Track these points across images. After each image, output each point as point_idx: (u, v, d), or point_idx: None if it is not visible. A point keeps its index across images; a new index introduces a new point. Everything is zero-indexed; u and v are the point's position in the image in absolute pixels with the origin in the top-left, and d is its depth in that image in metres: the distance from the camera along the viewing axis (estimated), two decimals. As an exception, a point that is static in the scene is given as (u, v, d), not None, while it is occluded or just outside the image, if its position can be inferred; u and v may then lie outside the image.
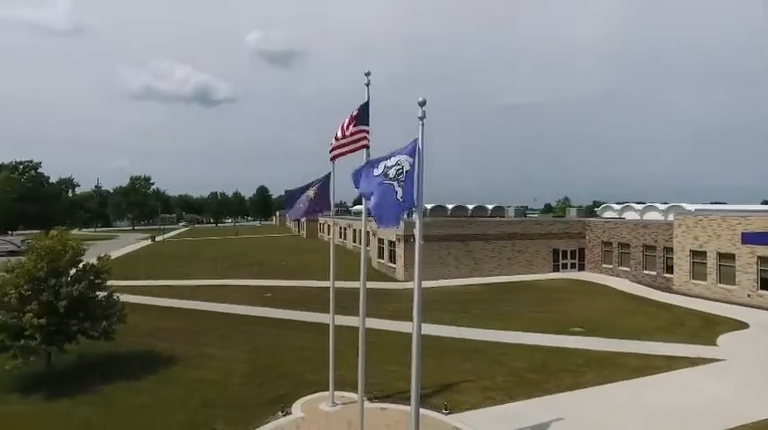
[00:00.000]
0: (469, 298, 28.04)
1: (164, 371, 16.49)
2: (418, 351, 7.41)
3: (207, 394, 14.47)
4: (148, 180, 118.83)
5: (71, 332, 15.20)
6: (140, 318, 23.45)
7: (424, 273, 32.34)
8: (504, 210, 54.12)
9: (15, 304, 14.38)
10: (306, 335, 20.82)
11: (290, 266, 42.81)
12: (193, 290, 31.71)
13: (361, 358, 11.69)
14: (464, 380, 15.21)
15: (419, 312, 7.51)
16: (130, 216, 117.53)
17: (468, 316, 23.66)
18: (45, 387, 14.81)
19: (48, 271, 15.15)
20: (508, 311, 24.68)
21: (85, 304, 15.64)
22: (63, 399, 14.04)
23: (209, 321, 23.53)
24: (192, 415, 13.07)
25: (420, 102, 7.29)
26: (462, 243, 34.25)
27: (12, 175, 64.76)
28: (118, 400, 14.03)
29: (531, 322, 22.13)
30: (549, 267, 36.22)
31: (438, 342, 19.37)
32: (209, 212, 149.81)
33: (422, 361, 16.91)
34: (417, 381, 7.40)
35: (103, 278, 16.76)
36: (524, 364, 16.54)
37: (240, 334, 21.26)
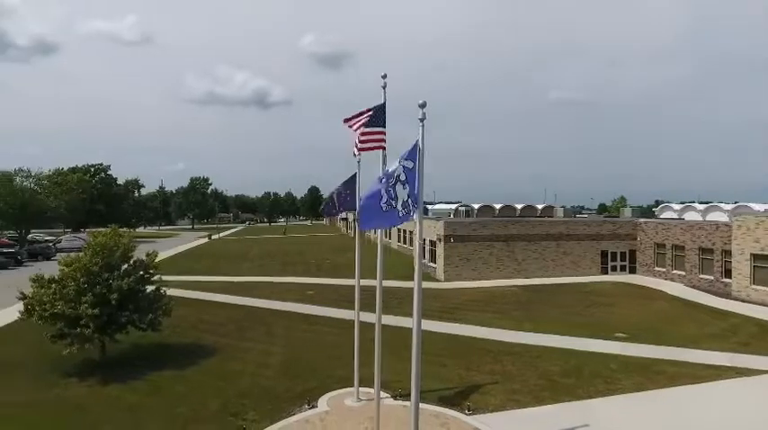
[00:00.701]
0: (509, 299, 27.59)
1: (205, 361, 17.46)
2: (418, 348, 7.53)
3: (242, 385, 15.22)
4: (207, 181, 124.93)
5: (121, 323, 16.44)
6: (191, 312, 24.89)
7: (463, 273, 32.68)
8: (554, 209, 52.61)
9: (73, 295, 15.73)
10: (341, 332, 21.28)
11: (335, 265, 43.70)
12: (242, 286, 33.15)
13: (377, 355, 11.94)
14: (492, 381, 15.11)
15: (419, 310, 7.64)
16: (191, 215, 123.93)
17: (506, 317, 23.33)
18: (100, 373, 16.10)
19: (101, 266, 16.46)
20: (548, 314, 24.10)
21: (135, 297, 16.86)
22: (114, 385, 15.23)
23: (252, 316, 24.58)
24: (226, 404, 13.81)
25: (420, 104, 7.43)
26: (504, 243, 33.69)
27: (84, 177, 70.26)
28: (161, 387, 15.05)
29: (571, 326, 21.52)
30: (596, 269, 34.90)
31: (470, 343, 19.30)
32: (263, 212, 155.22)
33: (450, 361, 17.09)
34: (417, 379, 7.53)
35: (151, 273, 18.00)
36: (557, 368, 16.18)
37: (280, 329, 22.09)
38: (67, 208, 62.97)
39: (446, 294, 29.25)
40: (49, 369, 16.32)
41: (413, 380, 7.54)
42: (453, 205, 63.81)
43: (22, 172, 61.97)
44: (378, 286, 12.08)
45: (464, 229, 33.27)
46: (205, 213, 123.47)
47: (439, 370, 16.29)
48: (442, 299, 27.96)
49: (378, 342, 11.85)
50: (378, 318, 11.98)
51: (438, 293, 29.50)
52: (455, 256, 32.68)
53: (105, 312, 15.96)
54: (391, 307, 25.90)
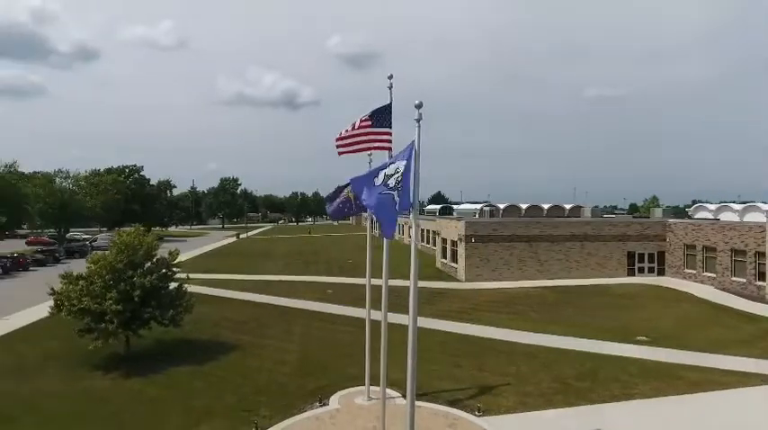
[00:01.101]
0: (529, 301, 27.23)
1: (224, 358, 17.92)
2: (414, 347, 7.59)
3: (257, 381, 15.57)
4: (236, 181, 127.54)
5: (144, 318, 17.05)
6: (214, 309, 25.57)
7: (484, 273, 32.37)
8: (581, 210, 51.49)
9: (98, 292, 16.42)
10: (356, 331, 21.44)
11: (356, 264, 43.98)
12: (265, 284, 33.79)
13: (383, 355, 12.02)
14: (505, 383, 14.99)
15: (414, 309, 7.70)
16: (221, 215, 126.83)
17: (524, 319, 23.06)
18: (124, 366, 16.74)
19: (126, 263, 17.12)
20: (568, 316, 23.69)
21: (157, 294, 17.45)
22: (136, 378, 15.82)
23: (272, 314, 25.05)
24: (241, 399, 14.16)
25: (417, 104, 7.49)
26: (527, 244, 33.23)
27: (118, 178, 72.92)
28: (180, 382, 15.54)
29: (592, 328, 21.10)
30: (623, 271, 34.03)
31: (486, 344, 19.18)
32: (291, 212, 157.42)
33: (464, 361, 17.01)
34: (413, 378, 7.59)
35: (173, 271, 18.60)
36: (573, 371, 15.92)
37: (298, 327, 22.45)
38: (103, 207, 65.45)
39: (466, 295, 29.09)
40: (78, 362, 17.06)
41: (408, 380, 7.61)
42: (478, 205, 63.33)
43: (61, 173, 64.82)
44: (383, 285, 12.18)
45: (485, 230, 32.98)
46: (234, 213, 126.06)
47: (452, 370, 16.28)
48: (461, 299, 27.82)
49: (384, 341, 11.95)
50: (383, 316, 12.10)
51: (458, 294, 29.37)
52: (476, 257, 32.44)
53: (128, 308, 16.59)
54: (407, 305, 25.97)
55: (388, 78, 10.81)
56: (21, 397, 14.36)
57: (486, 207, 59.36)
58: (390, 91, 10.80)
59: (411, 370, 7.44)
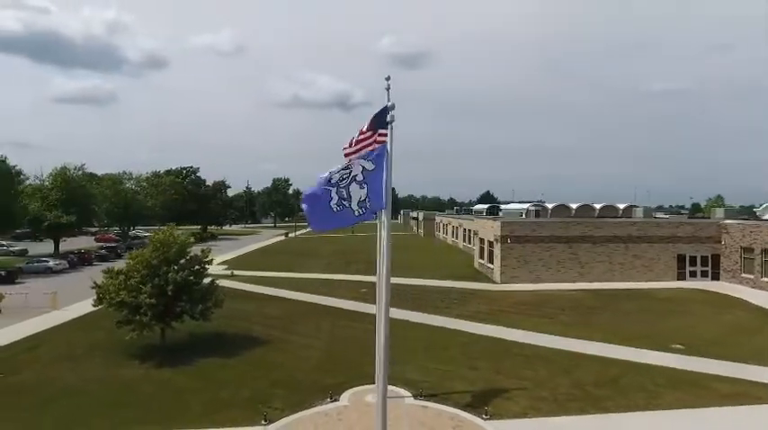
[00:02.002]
0: (564, 304, 26.36)
1: (250, 352, 18.72)
2: (386, 346, 7.72)
3: (277, 375, 16.18)
4: (287, 181, 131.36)
5: (176, 312, 18.16)
6: (250, 305, 26.68)
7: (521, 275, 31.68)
8: (634, 210, 48.92)
9: (135, 286, 17.66)
10: (381, 330, 21.78)
11: (394, 263, 44.11)
12: (303, 282, 34.75)
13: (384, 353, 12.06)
14: (520, 387, 14.73)
15: (386, 307, 7.82)
16: (273, 214, 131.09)
17: (554, 322, 22.39)
18: (157, 357, 17.89)
19: (160, 260, 18.28)
20: (603, 321, 22.76)
21: (188, 289, 18.50)
22: (167, 368, 16.89)
23: (305, 311, 25.77)
24: (258, 392, 14.79)
25: (389, 106, 7.61)
26: (566, 245, 32.10)
27: (176, 179, 77.25)
28: (207, 373, 16.42)
29: (626, 334, 20.20)
30: (672, 275, 32.12)
31: (508, 346, 18.85)
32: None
33: (483, 363, 16.83)
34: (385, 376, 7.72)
35: (205, 268, 19.62)
36: (594, 378, 15.38)
37: (327, 324, 22.99)
38: (162, 207, 69.54)
39: (498, 296, 28.58)
40: (119, 351, 18.42)
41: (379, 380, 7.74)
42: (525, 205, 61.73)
43: (125, 175, 69.46)
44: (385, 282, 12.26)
45: (522, 230, 32.18)
46: (286, 212, 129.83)
47: (468, 372, 16.18)
48: (493, 301, 27.38)
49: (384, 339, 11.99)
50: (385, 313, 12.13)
51: (490, 295, 28.92)
52: (512, 258, 31.73)
53: (162, 302, 17.71)
54: (440, 307, 25.93)
55: (386, 80, 10.92)
56: (65, 381, 15.73)
57: (532, 207, 57.82)
58: (388, 92, 10.88)
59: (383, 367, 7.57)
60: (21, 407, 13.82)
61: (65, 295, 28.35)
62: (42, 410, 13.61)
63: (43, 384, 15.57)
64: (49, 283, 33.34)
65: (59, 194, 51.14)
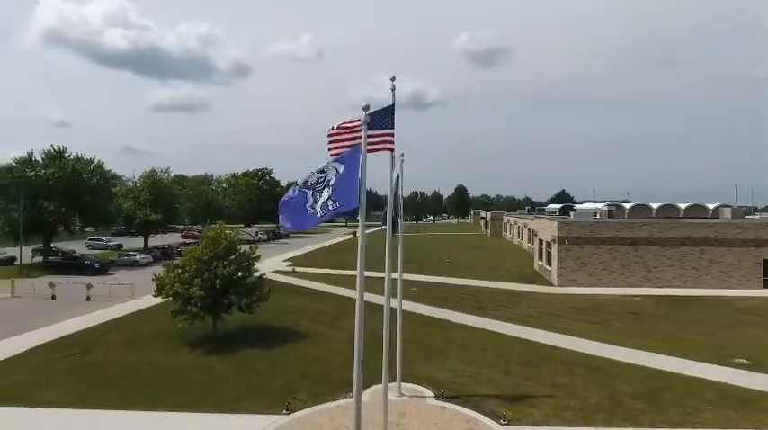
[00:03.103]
0: (622, 310, 24.70)
1: (292, 345, 19.58)
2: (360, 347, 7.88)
3: (309, 368, 16.82)
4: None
5: (224, 304, 19.47)
6: (303, 301, 27.82)
7: (580, 278, 30.46)
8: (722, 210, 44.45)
9: (188, 279, 19.17)
10: (419, 328, 21.83)
11: (453, 263, 43.82)
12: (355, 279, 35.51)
13: (385, 356, 12.21)
14: (549, 394, 14.16)
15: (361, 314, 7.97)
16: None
17: (606, 329, 21.13)
18: (207, 345, 19.27)
19: (210, 256, 19.69)
20: (662, 329, 21.10)
21: (235, 283, 19.76)
22: (213, 356, 18.16)
23: (351, 307, 26.34)
24: (288, 383, 15.50)
25: (363, 107, 7.77)
26: (631, 247, 29.98)
27: (251, 180, 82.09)
28: (247, 363, 17.44)
29: (683, 345, 18.62)
30: (756, 282, 28.86)
31: (549, 352, 18.11)
32: (410, 211, 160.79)
33: (516, 368, 16.37)
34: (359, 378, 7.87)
35: (252, 263, 20.81)
36: (632, 390, 14.38)
37: (368, 321, 23.29)
38: (239, 206, 74.23)
39: (552, 300, 27.40)
40: (176, 339, 20.06)
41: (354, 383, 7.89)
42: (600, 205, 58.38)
43: (207, 177, 75.02)
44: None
45: (580, 230, 30.53)
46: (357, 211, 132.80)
47: (498, 376, 15.81)
48: (545, 304, 26.30)
49: (386, 335, 12.17)
50: (386, 313, 12.28)
51: (543, 298, 27.80)
52: (570, 260, 30.23)
53: (211, 295, 19.08)
54: (487, 309, 25.39)
55: (391, 80, 11.06)
56: (125, 363, 17.47)
57: (606, 206, 54.63)
58: (393, 93, 11.02)
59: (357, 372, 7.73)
60: (85, 382, 15.60)
61: (143, 286, 31.18)
62: (101, 386, 15.26)
63: (107, 364, 17.42)
64: (133, 275, 36.85)
65: (148, 195, 56.36)
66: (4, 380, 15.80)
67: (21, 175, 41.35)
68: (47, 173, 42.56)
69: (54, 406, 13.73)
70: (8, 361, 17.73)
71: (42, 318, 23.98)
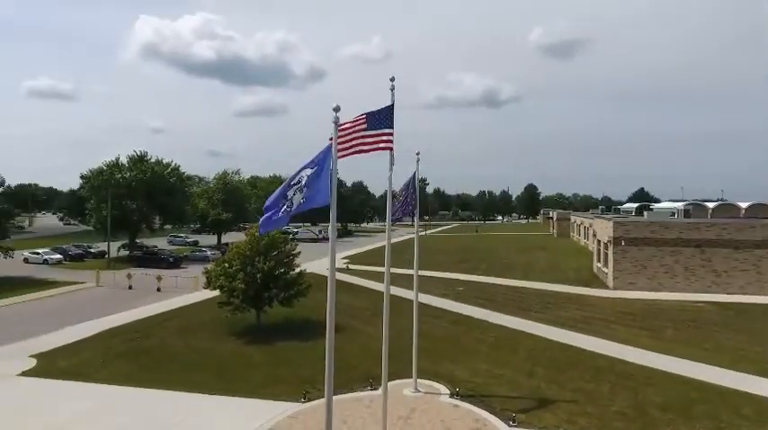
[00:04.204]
0: (680, 317, 22.93)
1: (323, 338, 20.19)
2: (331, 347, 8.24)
3: (337, 360, 17.28)
4: (424, 181, 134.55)
5: (264, 298, 20.67)
6: (349, 297, 28.57)
7: (638, 281, 29.20)
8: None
9: (232, 273, 20.56)
10: (453, 327, 21.80)
11: (509, 264, 42.76)
12: (407, 278, 35.76)
13: (384, 349, 12.41)
14: (569, 400, 13.69)
15: (332, 304, 8.34)
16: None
17: (654, 336, 19.83)
18: (250, 336, 20.54)
19: (253, 252, 20.97)
20: (718, 339, 19.43)
21: (275, 278, 20.88)
22: (253, 346, 19.35)
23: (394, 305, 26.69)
24: (313, 373, 16.13)
25: (334, 108, 8.14)
26: (696, 249, 27.63)
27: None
28: (281, 353, 18.43)
29: (738, 356, 17.12)
30: None
31: (581, 357, 17.42)
32: (479, 210, 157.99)
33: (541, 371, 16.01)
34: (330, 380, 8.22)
35: (292, 260, 21.86)
36: (663, 400, 13.52)
37: (405, 319, 23.22)
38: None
39: (603, 303, 26.02)
40: (224, 328, 21.57)
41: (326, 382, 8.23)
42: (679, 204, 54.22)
43: (276, 178, 78.76)
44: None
45: (639, 231, 28.59)
46: (422, 211, 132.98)
47: (521, 378, 15.50)
48: (594, 308, 25.06)
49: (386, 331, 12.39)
50: (385, 312, 12.50)
51: (594, 302, 26.47)
52: (627, 262, 28.44)
53: (252, 288, 20.34)
54: (529, 310, 24.69)
55: (390, 80, 11.29)
56: (175, 349, 19.11)
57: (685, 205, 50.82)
58: (392, 92, 11.24)
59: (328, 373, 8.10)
60: (136, 363, 17.32)
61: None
62: (148, 367, 16.88)
63: (161, 348, 19.16)
64: (202, 269, 39.80)
65: (220, 195, 60.39)
66: (72, 359, 17.94)
67: (109, 178, 46.11)
68: (130, 175, 47.07)
69: (105, 382, 15.43)
70: (79, 342, 20.05)
71: (116, 306, 26.74)
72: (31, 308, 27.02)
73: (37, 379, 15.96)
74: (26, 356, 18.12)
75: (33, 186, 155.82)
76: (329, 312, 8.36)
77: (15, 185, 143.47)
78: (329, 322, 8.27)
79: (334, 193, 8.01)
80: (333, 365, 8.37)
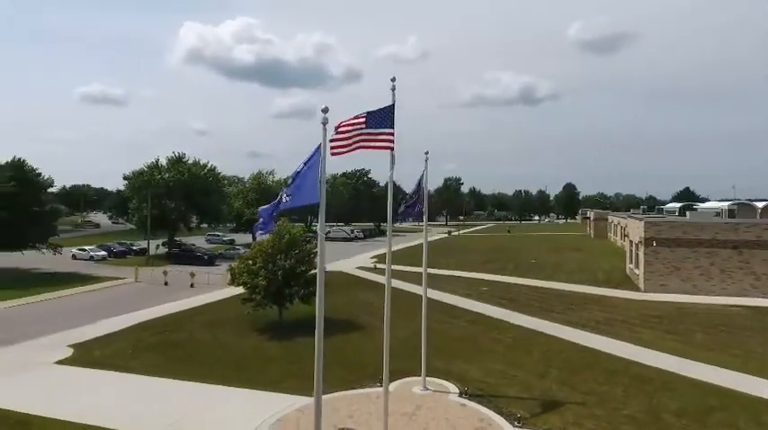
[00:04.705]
0: (712, 321, 21.96)
1: (344, 336, 20.69)
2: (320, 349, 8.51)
3: (350, 357, 17.76)
4: (458, 180, 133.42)
5: (285, 295, 21.23)
6: (372, 296, 28.89)
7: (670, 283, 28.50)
8: None
9: (255, 270, 21.23)
10: (471, 327, 21.75)
11: (538, 264, 41.98)
12: (432, 277, 35.77)
13: (386, 348, 12.54)
14: (579, 402, 13.48)
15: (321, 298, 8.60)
16: (444, 212, 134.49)
17: (681, 340, 19.14)
18: (272, 331, 21.13)
19: (274, 250, 21.58)
20: (750, 345, 18.54)
21: (295, 276, 21.41)
22: (273, 341, 19.94)
23: (412, 302, 26.80)
24: (326, 369, 16.37)
25: (323, 109, 8.39)
26: (734, 251, 26.33)
27: (347, 180, 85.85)
28: (298, 349, 18.75)
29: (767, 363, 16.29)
30: None
31: (598, 359, 17.07)
32: (515, 210, 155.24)
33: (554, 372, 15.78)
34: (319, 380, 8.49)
35: (312, 258, 22.33)
36: (679, 405, 13.10)
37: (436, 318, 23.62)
38: (336, 205, 78.14)
39: (629, 306, 25.22)
40: (248, 324, 22.27)
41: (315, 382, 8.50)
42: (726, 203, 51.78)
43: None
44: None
45: (671, 232, 27.49)
46: (457, 211, 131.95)
47: (533, 379, 15.35)
48: (620, 310, 24.35)
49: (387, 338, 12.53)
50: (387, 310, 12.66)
51: (620, 304, 25.70)
52: (659, 263, 27.42)
53: (274, 285, 20.94)
54: (551, 312, 24.27)
55: (391, 80, 11.44)
56: (200, 342, 19.91)
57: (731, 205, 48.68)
58: (393, 93, 11.39)
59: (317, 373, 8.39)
60: (163, 355, 18.19)
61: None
62: (174, 359, 17.69)
63: (187, 341, 20.03)
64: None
65: (254, 195, 62.09)
66: (106, 349, 19.03)
67: (149, 178, 48.28)
68: (169, 176, 49.09)
69: (133, 372, 16.31)
70: (113, 334, 21.23)
71: (151, 300, 28.07)
72: (74, 301, 28.74)
73: (71, 367, 17.04)
74: (64, 346, 19.35)
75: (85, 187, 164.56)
76: (318, 314, 8.66)
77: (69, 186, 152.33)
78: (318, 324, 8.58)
79: (322, 192, 8.28)
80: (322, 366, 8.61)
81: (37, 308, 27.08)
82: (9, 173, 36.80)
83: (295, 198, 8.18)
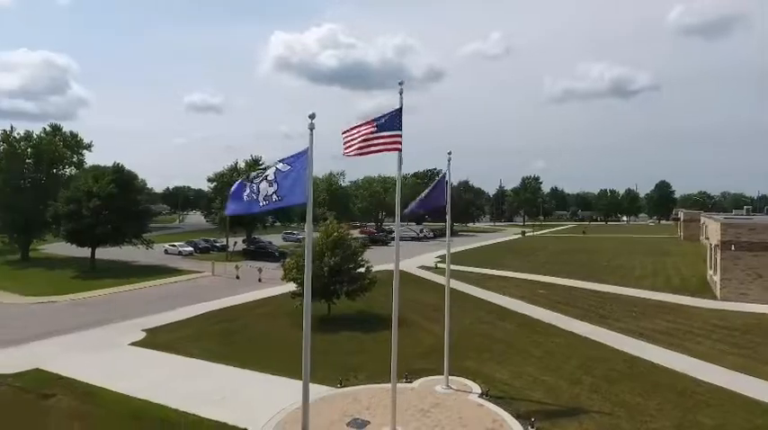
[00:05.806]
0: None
1: (383, 331, 21.00)
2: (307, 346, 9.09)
3: (384, 353, 18.19)
4: (537, 179, 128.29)
5: (331, 291, 22.26)
6: (423, 294, 29.24)
7: (751, 292, 27.13)
8: None
9: (302, 266, 22.46)
10: (517, 329, 21.37)
11: (610, 267, 39.65)
12: (491, 278, 35.30)
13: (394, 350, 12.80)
14: (607, 412, 12.96)
15: (308, 303, 9.16)
16: (522, 212, 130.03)
17: (747, 355, 17.46)
18: (319, 325, 22.12)
19: (322, 247, 22.69)
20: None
21: (341, 273, 22.37)
22: (318, 334, 20.62)
23: (462, 303, 26.67)
24: (361, 362, 17.27)
25: (310, 115, 8.97)
26: (831, 258, 23.16)
27: (416, 180, 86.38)
28: (338, 341, 19.78)
29: None
30: None
31: (641, 370, 16.14)
32: (600, 210, 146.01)
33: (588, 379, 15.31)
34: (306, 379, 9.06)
35: (358, 255, 23.18)
36: (716, 422, 12.16)
37: (468, 318, 23.54)
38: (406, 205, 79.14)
39: (701, 315, 23.13)
40: (298, 318, 23.49)
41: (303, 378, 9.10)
42: None
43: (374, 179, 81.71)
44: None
45: (753, 234, 24.69)
46: (535, 210, 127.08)
47: (563, 384, 14.93)
48: (686, 319, 22.46)
49: (394, 333, 12.79)
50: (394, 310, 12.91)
51: (691, 313, 23.65)
52: (738, 270, 24.81)
53: (320, 281, 22.03)
54: (608, 318, 23.07)
55: (399, 84, 11.77)
56: (256, 331, 21.58)
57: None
58: (401, 96, 11.70)
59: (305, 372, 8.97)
60: (220, 343, 19.92)
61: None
62: (228, 346, 19.30)
63: (244, 329, 21.82)
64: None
65: (325, 195, 64.79)
66: (172, 335, 21.21)
67: (229, 180, 52.28)
68: (246, 178, 52.84)
69: (192, 357, 18.10)
70: (181, 322, 23.54)
71: (221, 292, 30.64)
72: (158, 291, 32.13)
73: (141, 348, 19.30)
74: (139, 330, 21.88)
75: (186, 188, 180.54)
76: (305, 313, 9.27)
77: (173, 188, 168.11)
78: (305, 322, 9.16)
79: (310, 194, 8.88)
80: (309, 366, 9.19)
81: (125, 295, 30.68)
82: (111, 176, 41.78)
83: (285, 199, 8.86)
